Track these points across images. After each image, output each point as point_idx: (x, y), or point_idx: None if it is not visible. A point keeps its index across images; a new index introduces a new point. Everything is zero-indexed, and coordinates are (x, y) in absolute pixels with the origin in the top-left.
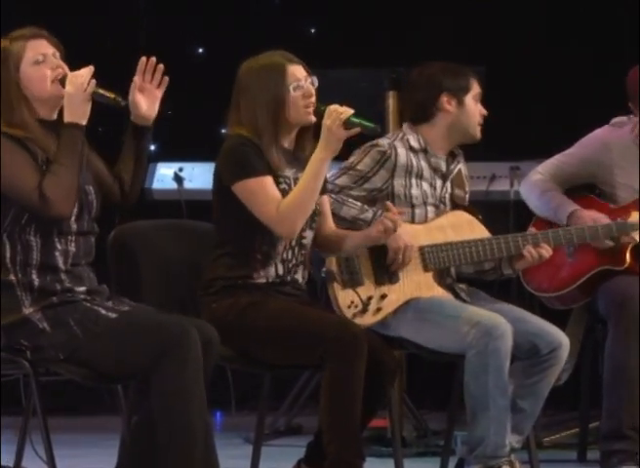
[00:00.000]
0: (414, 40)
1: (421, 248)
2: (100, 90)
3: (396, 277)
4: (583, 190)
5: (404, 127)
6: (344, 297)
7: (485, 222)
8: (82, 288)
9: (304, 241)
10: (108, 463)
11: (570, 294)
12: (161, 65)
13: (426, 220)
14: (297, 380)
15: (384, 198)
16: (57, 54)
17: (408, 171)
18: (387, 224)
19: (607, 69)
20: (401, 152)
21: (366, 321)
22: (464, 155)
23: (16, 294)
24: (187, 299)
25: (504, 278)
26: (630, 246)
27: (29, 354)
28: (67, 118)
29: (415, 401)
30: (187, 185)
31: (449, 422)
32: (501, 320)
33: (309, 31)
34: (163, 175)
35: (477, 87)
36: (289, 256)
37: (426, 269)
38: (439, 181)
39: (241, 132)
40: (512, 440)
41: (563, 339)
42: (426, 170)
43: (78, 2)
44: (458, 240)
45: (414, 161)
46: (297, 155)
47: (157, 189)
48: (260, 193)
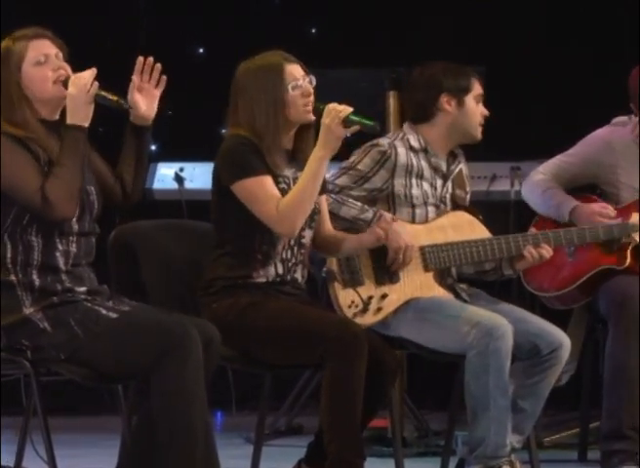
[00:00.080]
0: (414, 40)
1: (422, 248)
2: (103, 92)
3: (397, 277)
4: (585, 191)
5: (404, 127)
6: (345, 297)
7: (485, 222)
8: (82, 288)
9: (304, 240)
10: (108, 463)
11: (570, 294)
12: (159, 65)
13: (427, 220)
14: (297, 380)
15: (385, 198)
16: (60, 54)
17: (408, 171)
18: (379, 234)
19: (607, 69)
20: (401, 152)
21: (366, 320)
22: (465, 155)
23: (16, 294)
24: (188, 299)
25: (505, 278)
26: (631, 245)
27: (30, 354)
28: (70, 120)
29: (415, 401)
30: (188, 185)
31: (449, 422)
32: (502, 320)
33: (309, 31)
34: (164, 176)
35: (479, 87)
36: (288, 256)
37: (427, 269)
38: (440, 181)
39: (239, 132)
40: (513, 440)
41: (564, 339)
42: (427, 170)
43: (78, 2)
44: (458, 240)
45: (414, 161)
46: (295, 155)
47: (158, 189)
48: (260, 192)
